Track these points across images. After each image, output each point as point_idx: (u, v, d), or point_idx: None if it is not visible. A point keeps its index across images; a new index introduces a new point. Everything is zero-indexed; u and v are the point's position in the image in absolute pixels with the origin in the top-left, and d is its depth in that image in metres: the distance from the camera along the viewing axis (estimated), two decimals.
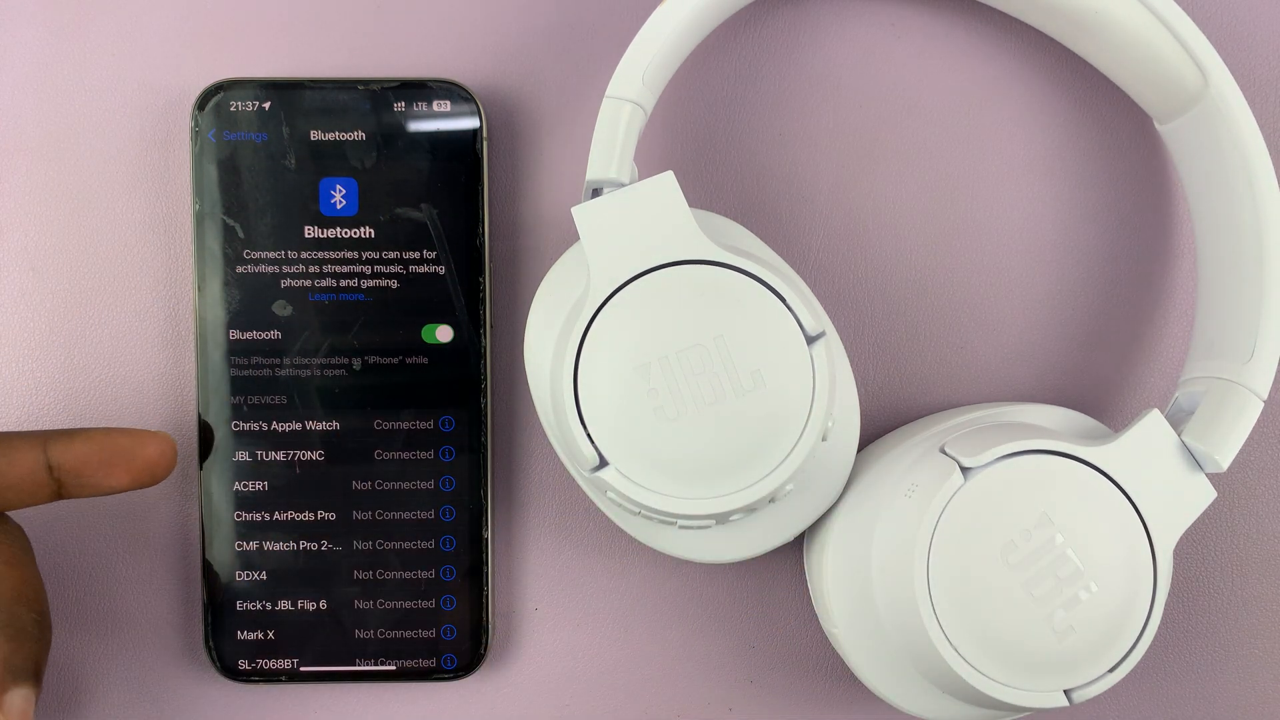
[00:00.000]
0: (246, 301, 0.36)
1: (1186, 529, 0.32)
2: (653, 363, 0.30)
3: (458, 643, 0.36)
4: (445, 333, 0.36)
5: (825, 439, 0.31)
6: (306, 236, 0.36)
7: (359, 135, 0.35)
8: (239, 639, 0.36)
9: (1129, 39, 0.34)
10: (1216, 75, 0.33)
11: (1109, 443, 0.32)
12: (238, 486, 0.36)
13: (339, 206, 0.36)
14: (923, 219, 0.37)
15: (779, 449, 0.31)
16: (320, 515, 0.36)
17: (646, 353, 0.31)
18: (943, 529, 0.31)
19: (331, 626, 0.36)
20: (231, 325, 0.36)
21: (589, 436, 0.31)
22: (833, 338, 0.34)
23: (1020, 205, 0.37)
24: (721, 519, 0.31)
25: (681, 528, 0.33)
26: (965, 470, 0.31)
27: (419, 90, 0.36)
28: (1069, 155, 0.37)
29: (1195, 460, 0.32)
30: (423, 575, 0.36)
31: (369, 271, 0.36)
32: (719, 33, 0.37)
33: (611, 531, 0.37)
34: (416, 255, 0.36)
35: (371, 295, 0.36)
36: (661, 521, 0.32)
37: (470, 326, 0.36)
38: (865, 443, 0.36)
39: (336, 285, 0.36)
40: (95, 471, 0.32)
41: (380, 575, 0.36)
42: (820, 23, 0.37)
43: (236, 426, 0.36)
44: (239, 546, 0.36)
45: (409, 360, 0.36)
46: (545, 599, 0.37)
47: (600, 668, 0.38)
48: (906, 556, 0.31)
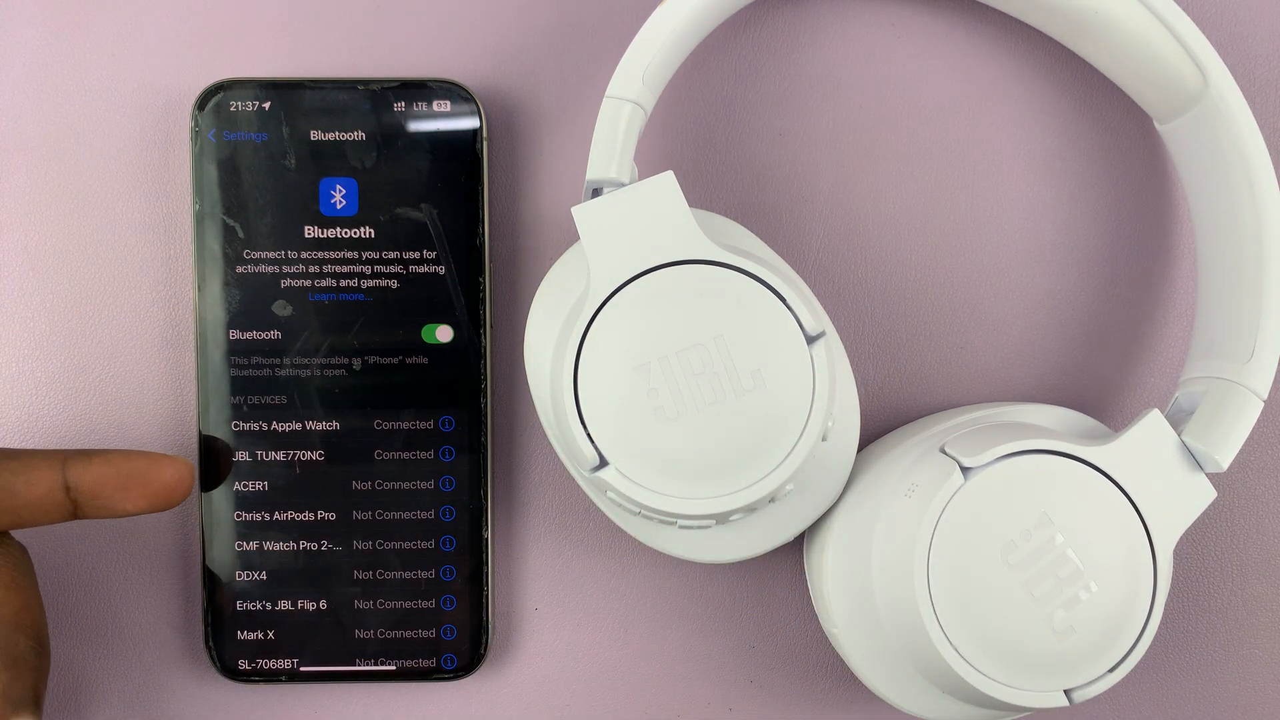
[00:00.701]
0: (246, 301, 0.36)
1: (1186, 529, 0.32)
2: (653, 363, 0.30)
3: (458, 643, 0.36)
4: (445, 333, 0.36)
5: (825, 439, 0.31)
6: (306, 236, 0.36)
7: (359, 135, 0.35)
8: (239, 639, 0.36)
9: (1129, 39, 0.34)
10: (1216, 75, 0.33)
11: (1109, 443, 0.32)
12: (238, 486, 0.36)
13: (339, 206, 0.36)
14: (923, 219, 0.37)
15: (779, 449, 0.31)
16: (320, 515, 0.36)
17: (646, 353, 0.31)
18: (943, 529, 0.31)
19: (331, 626, 0.36)
20: (231, 325, 0.36)
21: (589, 436, 0.31)
22: (833, 338, 0.34)
23: (1020, 205, 0.37)
24: (721, 519, 0.31)
25: (681, 528, 0.33)
26: (965, 470, 0.31)
27: (419, 90, 0.36)
28: (1069, 155, 0.37)
29: (1195, 460, 0.32)
30: (423, 575, 0.36)
31: (369, 271, 0.36)
32: (719, 33, 0.37)
33: (611, 531, 0.37)
34: (416, 255, 0.36)
35: (371, 295, 0.36)
36: (661, 521, 0.32)
37: (470, 326, 0.36)
38: (865, 443, 0.36)
39: (336, 285, 0.36)
40: (112, 494, 0.32)
41: (380, 575, 0.36)
42: (820, 23, 0.37)
43: (236, 426, 0.36)
44: (239, 546, 0.36)
45: (409, 360, 0.36)
46: (545, 599, 0.37)
47: (600, 668, 0.38)
48: (906, 556, 0.31)
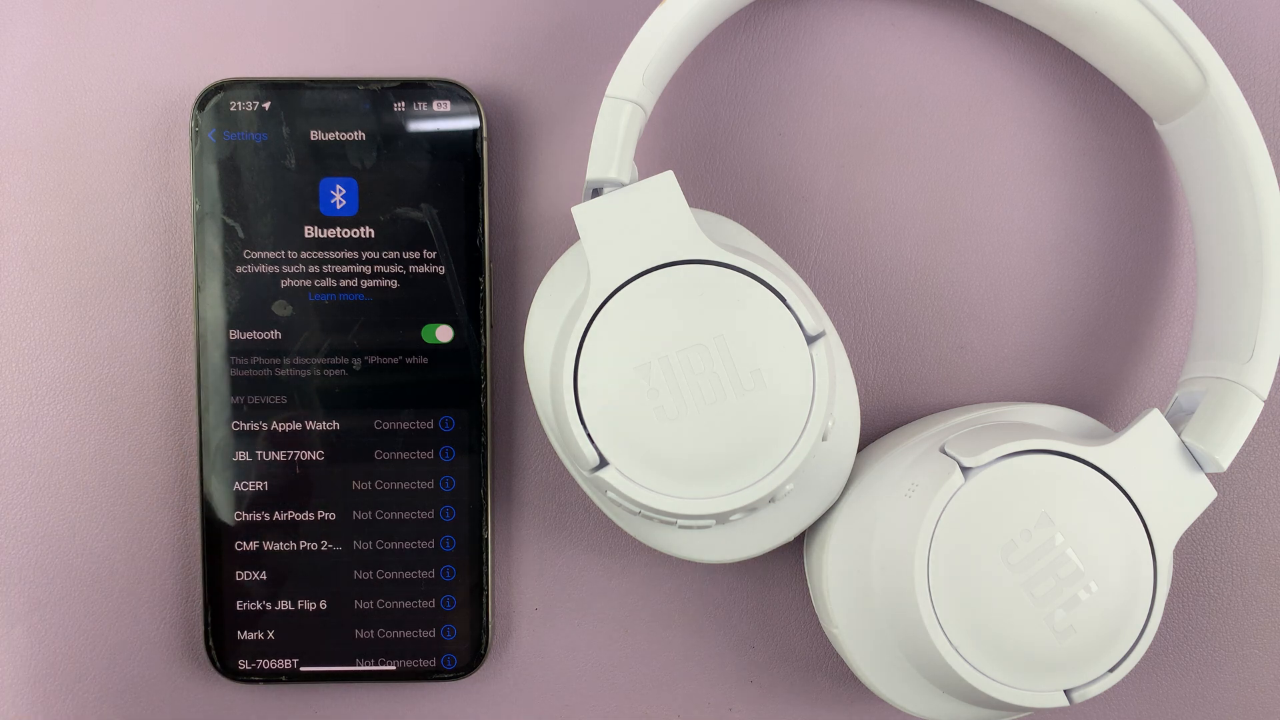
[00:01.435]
0: (246, 301, 0.36)
1: (1186, 529, 0.32)
2: (653, 362, 0.30)
3: (458, 643, 0.36)
4: (445, 333, 0.36)
5: (825, 439, 0.31)
6: (306, 236, 0.36)
7: (359, 135, 0.35)
8: (239, 639, 0.36)
9: (1129, 39, 0.34)
10: (1216, 75, 0.33)
11: (1109, 443, 0.32)
12: (238, 486, 0.36)
13: (339, 206, 0.36)
14: (923, 219, 0.37)
15: (779, 449, 0.31)
16: (320, 515, 0.36)
17: (646, 352, 0.31)
18: (943, 529, 0.31)
19: (331, 626, 0.36)
20: (231, 325, 0.36)
21: (589, 436, 0.31)
22: (833, 338, 0.34)
23: (1020, 205, 0.37)
24: (721, 519, 0.31)
25: (681, 527, 0.33)
26: (965, 470, 0.31)
27: (419, 90, 0.36)
28: (1069, 155, 0.37)
29: (1195, 460, 0.32)
30: (423, 575, 0.36)
31: (369, 271, 0.36)
32: (719, 33, 0.37)
33: (611, 531, 0.37)
34: (416, 255, 0.36)
35: (371, 295, 0.36)
36: (661, 521, 0.32)
37: (470, 326, 0.36)
38: (865, 443, 0.36)
39: (336, 285, 0.36)
40: None
41: (380, 575, 0.36)
42: (820, 23, 0.37)
43: (236, 426, 0.36)
44: (239, 546, 0.36)
45: (409, 360, 0.36)
46: (545, 599, 0.37)
47: (600, 668, 0.38)
48: (906, 556, 0.31)
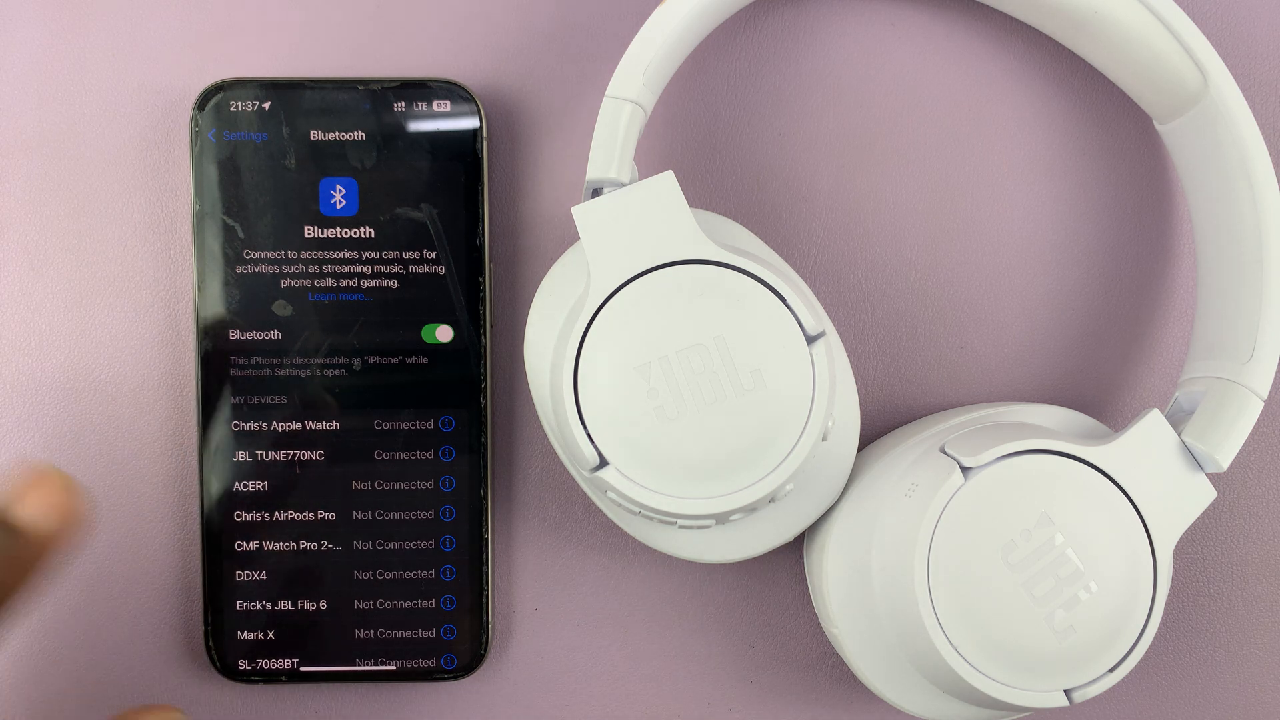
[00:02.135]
0: (246, 301, 0.36)
1: (1186, 529, 0.32)
2: (653, 363, 0.30)
3: (458, 643, 0.36)
4: (445, 333, 0.36)
5: (825, 439, 0.31)
6: (306, 236, 0.36)
7: (359, 135, 0.35)
8: (239, 639, 0.36)
9: (1129, 39, 0.34)
10: (1216, 75, 0.33)
11: (1109, 443, 0.32)
12: (238, 486, 0.36)
13: (339, 206, 0.36)
14: (923, 219, 0.37)
15: (779, 449, 0.31)
16: (320, 515, 0.36)
17: (646, 353, 0.31)
18: (943, 529, 0.31)
19: (331, 626, 0.36)
20: (231, 325, 0.36)
21: (589, 436, 0.31)
22: (833, 338, 0.34)
23: (1020, 205, 0.37)
24: (721, 519, 0.31)
25: (681, 528, 0.33)
26: (965, 470, 0.31)
27: (419, 90, 0.36)
28: (1069, 155, 0.37)
29: (1195, 460, 0.32)
30: (423, 575, 0.36)
31: (369, 271, 0.36)
32: (719, 33, 0.37)
33: (611, 531, 0.37)
34: (416, 255, 0.36)
35: (371, 295, 0.36)
36: (661, 521, 0.32)
37: (470, 326, 0.36)
38: (865, 443, 0.36)
39: (336, 285, 0.36)
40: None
41: (380, 575, 0.36)
42: (820, 23, 0.37)
43: (236, 426, 0.36)
44: (239, 546, 0.36)
45: (409, 360, 0.36)
46: (545, 599, 0.37)
47: (600, 668, 0.38)
48: (906, 556, 0.31)
